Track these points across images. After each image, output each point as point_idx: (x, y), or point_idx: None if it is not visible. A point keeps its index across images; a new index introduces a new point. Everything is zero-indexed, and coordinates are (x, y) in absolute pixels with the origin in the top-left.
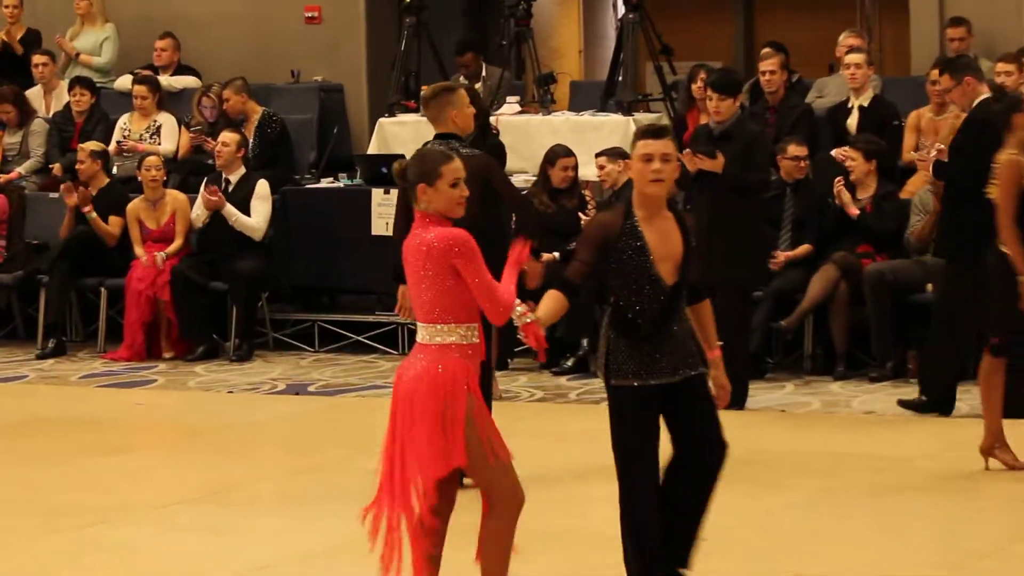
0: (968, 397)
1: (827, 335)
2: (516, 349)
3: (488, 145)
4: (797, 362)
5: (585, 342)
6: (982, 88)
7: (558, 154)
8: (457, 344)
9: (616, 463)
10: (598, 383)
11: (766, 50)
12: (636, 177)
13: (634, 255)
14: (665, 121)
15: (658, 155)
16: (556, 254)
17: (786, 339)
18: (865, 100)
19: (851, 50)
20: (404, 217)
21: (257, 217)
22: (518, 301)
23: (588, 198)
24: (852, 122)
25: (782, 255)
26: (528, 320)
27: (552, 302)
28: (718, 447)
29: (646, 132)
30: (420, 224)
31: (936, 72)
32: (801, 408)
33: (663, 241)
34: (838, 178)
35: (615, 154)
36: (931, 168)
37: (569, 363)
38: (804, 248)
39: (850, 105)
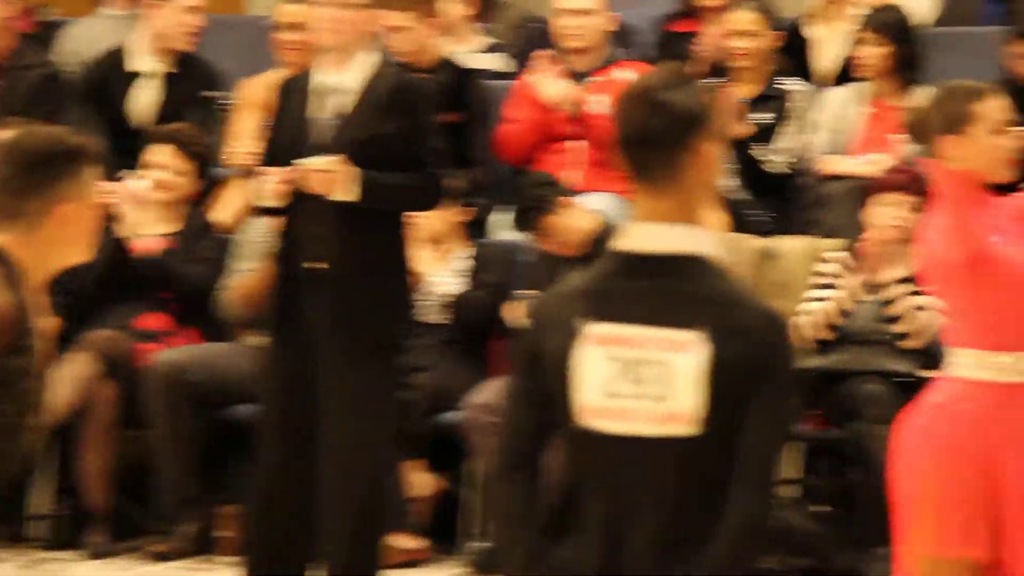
0: None
1: (75, 478)
2: None
3: None
4: (17, 528)
5: None
6: None
7: None
8: None
9: None
10: None
11: None
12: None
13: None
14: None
15: None
16: None
17: None
18: (166, 63)
19: None
20: None
21: None
22: None
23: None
24: (143, 100)
25: None
26: None
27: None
28: None
29: None
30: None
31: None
32: None
33: None
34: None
35: None
36: None
37: None
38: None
39: (131, 69)
